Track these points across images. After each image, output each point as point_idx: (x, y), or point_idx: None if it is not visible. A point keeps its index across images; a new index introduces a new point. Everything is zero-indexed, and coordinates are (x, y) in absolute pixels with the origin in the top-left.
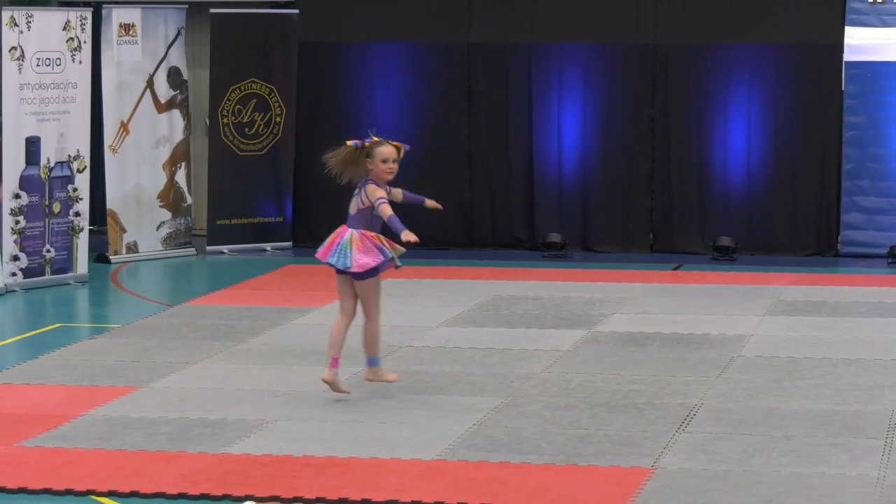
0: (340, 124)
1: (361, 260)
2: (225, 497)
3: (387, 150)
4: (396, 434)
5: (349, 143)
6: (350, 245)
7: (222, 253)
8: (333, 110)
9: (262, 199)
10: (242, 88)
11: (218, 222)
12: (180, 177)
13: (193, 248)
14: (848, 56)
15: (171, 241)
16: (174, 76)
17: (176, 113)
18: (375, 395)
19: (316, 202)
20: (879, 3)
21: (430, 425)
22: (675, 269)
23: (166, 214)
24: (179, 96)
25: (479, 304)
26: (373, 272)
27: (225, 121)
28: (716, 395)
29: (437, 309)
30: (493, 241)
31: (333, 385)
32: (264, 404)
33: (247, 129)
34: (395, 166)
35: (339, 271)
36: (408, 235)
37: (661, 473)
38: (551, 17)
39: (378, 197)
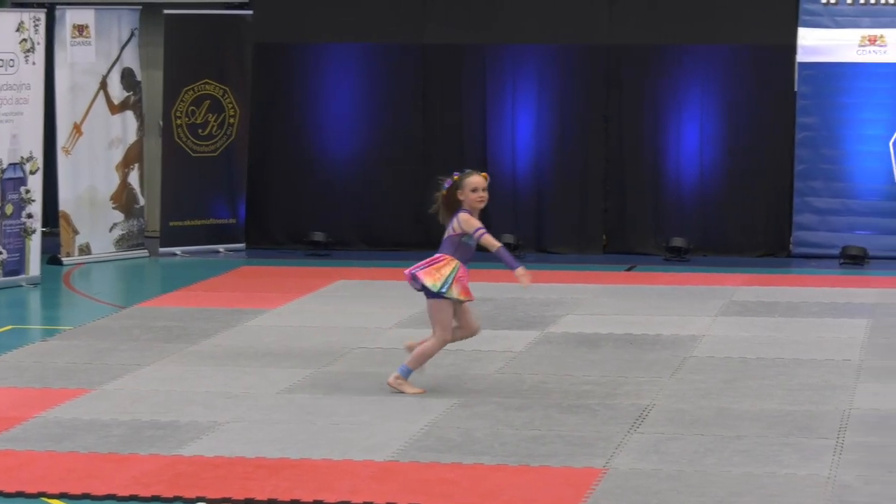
0: (295, 125)
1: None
2: (177, 499)
3: (475, 180)
4: (349, 435)
5: (444, 185)
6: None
7: (175, 254)
8: (288, 111)
9: (215, 201)
10: (196, 90)
11: (171, 224)
12: (133, 178)
13: (146, 250)
14: (801, 57)
15: (124, 242)
16: (128, 77)
17: (129, 114)
18: (328, 396)
19: (269, 204)
20: (832, 4)
21: (382, 426)
22: (629, 269)
23: (119, 216)
24: (133, 97)
25: None
26: (434, 294)
27: (178, 122)
28: (668, 395)
29: (391, 310)
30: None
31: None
32: (217, 406)
33: (200, 131)
34: (485, 194)
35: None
36: (522, 277)
37: (614, 474)
38: (506, 19)
39: (476, 227)
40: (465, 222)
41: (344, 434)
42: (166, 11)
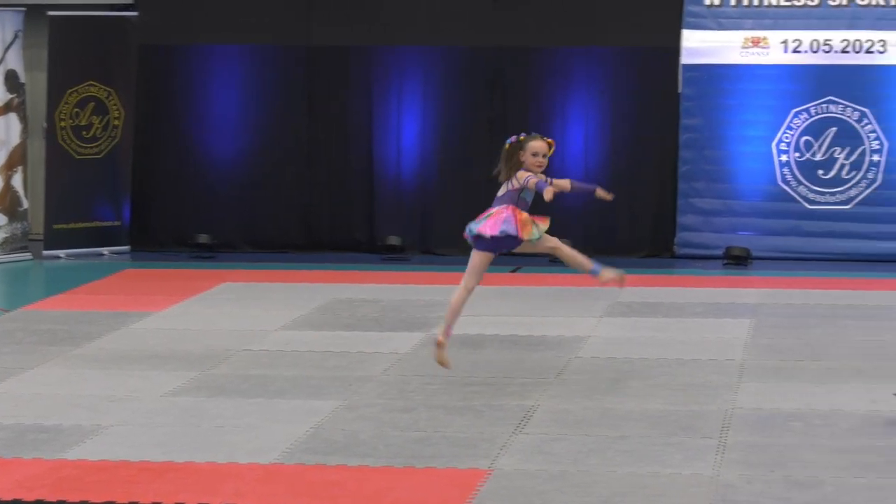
0: (180, 127)
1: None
2: (61, 503)
3: (538, 145)
4: (234, 438)
5: (509, 143)
6: (489, 216)
7: (59, 257)
8: (173, 113)
9: (99, 203)
10: (80, 91)
11: (55, 226)
12: (17, 181)
13: (30, 253)
14: (685, 59)
15: (7, 245)
16: (11, 79)
17: (13, 116)
18: (213, 398)
19: (154, 206)
20: (716, 6)
21: (267, 429)
22: (514, 271)
23: (2, 219)
24: (16, 100)
25: (317, 307)
26: (484, 244)
27: (63, 124)
28: (553, 396)
29: (276, 312)
30: (332, 244)
31: (440, 355)
32: (101, 409)
33: (84, 133)
34: (544, 161)
35: (479, 246)
36: (604, 194)
37: (498, 474)
38: (391, 20)
39: (527, 176)
40: (521, 176)
41: (229, 437)
42: (50, 13)
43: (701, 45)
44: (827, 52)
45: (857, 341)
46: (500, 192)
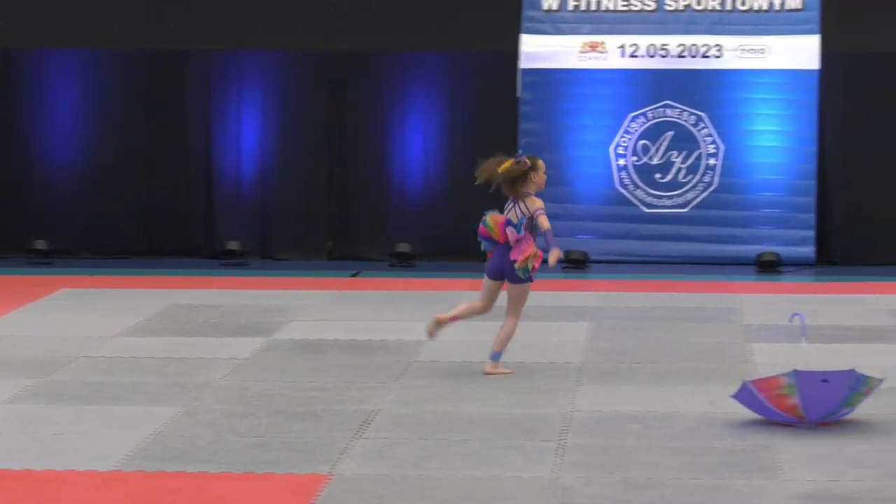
0: (16, 132)
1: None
2: None
3: (542, 164)
4: (72, 445)
5: (513, 161)
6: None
7: None
8: (9, 118)
9: None
10: None
11: None
12: None
13: None
14: (523, 63)
15: None
16: None
17: None
18: (51, 405)
19: None
20: (554, 11)
21: (106, 436)
22: (354, 275)
23: None
24: None
25: (156, 313)
26: (528, 279)
27: None
28: (393, 400)
29: (114, 318)
30: (171, 249)
31: (438, 325)
32: None
33: None
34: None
35: (490, 275)
36: (554, 256)
37: (338, 479)
38: (231, 25)
39: (537, 207)
40: (532, 202)
41: (67, 444)
42: None
43: (539, 50)
44: (664, 56)
45: (694, 344)
46: (513, 217)
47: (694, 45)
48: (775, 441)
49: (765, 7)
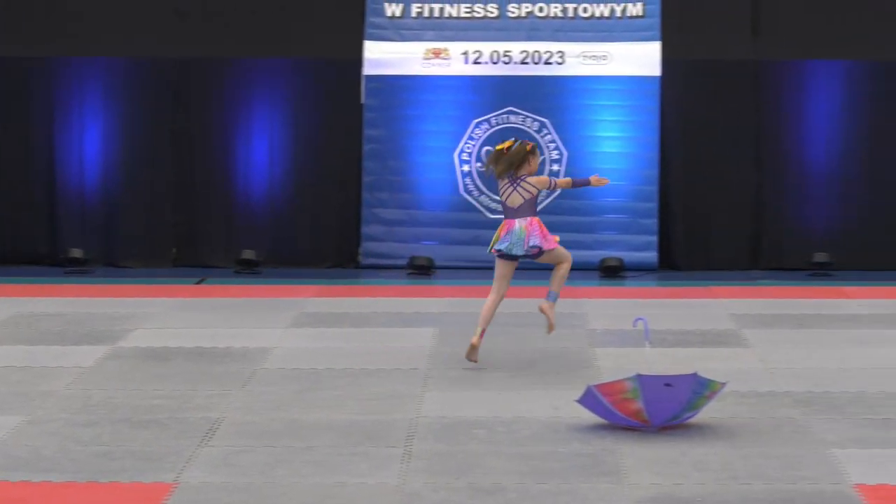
0: None
1: (541, 240)
2: None
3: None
4: None
5: (515, 140)
6: (524, 231)
7: None
8: None
9: None
10: None
11: None
12: None
13: None
14: (367, 70)
15: None
16: None
17: None
18: None
19: None
20: (397, 17)
21: None
22: (199, 282)
23: None
24: None
25: None
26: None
27: None
28: (238, 408)
29: None
30: (14, 257)
31: (473, 351)
32: None
33: None
34: None
35: (506, 256)
36: (599, 181)
37: (184, 487)
38: (74, 31)
39: (550, 180)
40: (540, 182)
41: None
42: None
43: (383, 57)
44: (507, 63)
45: (539, 349)
46: (514, 203)
47: (537, 51)
48: (620, 445)
49: (606, 14)
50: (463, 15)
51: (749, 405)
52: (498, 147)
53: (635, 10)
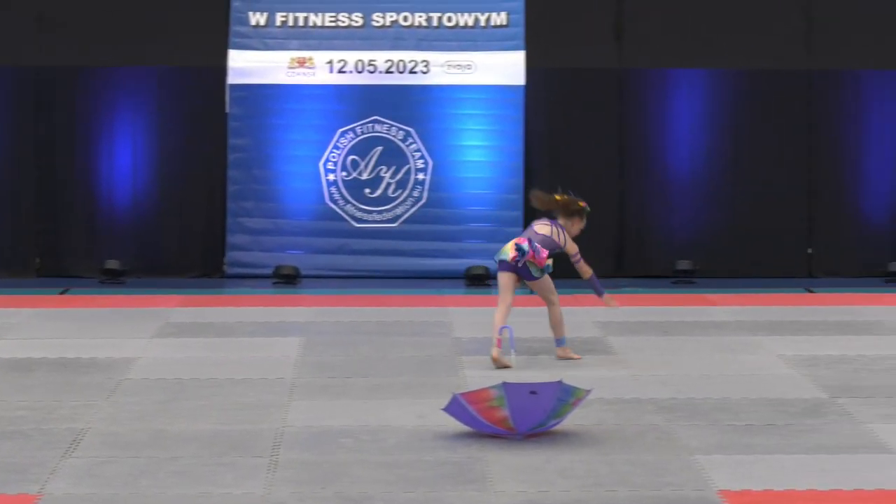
0: None
1: (528, 248)
2: None
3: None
4: None
5: (582, 203)
6: (515, 241)
7: None
8: None
9: None
10: None
11: None
12: None
13: None
14: (232, 79)
15: None
16: None
17: None
18: None
19: None
20: (262, 26)
21: None
22: (63, 292)
23: None
24: None
25: None
26: (507, 266)
27: None
28: (103, 418)
29: None
30: None
31: (499, 361)
32: None
33: None
34: None
35: (503, 267)
36: (609, 301)
37: (48, 499)
38: None
39: (577, 251)
40: (571, 244)
41: None
42: None
43: (247, 66)
44: (371, 72)
45: (405, 357)
46: (544, 231)
47: (401, 60)
48: (486, 453)
49: (471, 23)
50: (328, 24)
51: (614, 412)
52: (554, 195)
53: (499, 19)
